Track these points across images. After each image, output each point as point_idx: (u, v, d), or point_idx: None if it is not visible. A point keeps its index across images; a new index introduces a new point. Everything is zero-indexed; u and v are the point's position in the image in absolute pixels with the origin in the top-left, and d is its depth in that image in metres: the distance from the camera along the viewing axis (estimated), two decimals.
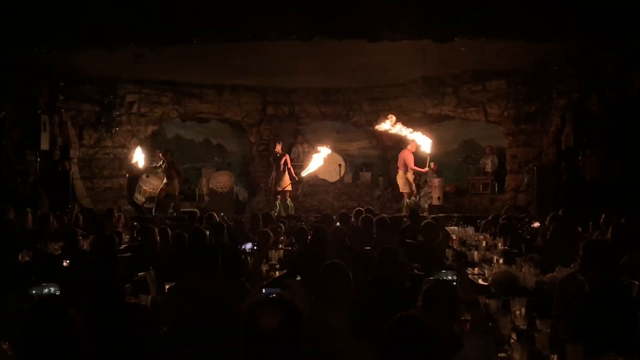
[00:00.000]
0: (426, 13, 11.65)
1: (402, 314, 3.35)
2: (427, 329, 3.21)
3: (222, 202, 18.37)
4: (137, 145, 18.36)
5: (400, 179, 17.08)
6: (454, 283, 4.94)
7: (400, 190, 17.27)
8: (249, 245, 8.56)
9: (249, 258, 8.18)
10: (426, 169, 17.06)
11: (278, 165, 17.82)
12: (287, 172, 17.77)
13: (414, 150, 16.98)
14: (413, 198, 17.25)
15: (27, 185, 15.26)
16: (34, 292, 4.96)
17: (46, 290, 4.96)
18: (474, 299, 4.49)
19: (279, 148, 18.08)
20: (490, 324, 4.68)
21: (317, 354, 3.53)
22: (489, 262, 8.47)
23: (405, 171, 16.90)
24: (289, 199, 17.67)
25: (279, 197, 17.48)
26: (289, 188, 17.79)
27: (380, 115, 19.65)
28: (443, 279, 5.17)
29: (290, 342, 2.77)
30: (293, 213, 17.06)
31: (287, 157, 18.03)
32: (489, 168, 19.12)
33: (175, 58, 14.83)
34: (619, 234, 8.26)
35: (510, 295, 5.33)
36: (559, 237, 8.14)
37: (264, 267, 8.15)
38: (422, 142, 16.82)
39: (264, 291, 3.53)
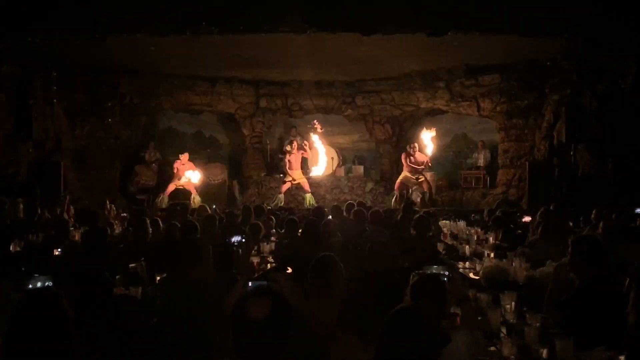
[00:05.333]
0: (420, 7, 11.64)
1: (403, 305, 3.37)
2: (425, 322, 3.23)
3: (214, 194, 18.37)
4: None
5: None
6: (445, 278, 4.95)
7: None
8: (237, 238, 8.54)
9: (239, 250, 8.17)
10: None
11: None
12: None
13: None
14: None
15: (19, 176, 15.22)
16: (29, 285, 4.94)
17: (39, 283, 4.95)
18: (464, 295, 4.49)
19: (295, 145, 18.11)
20: (480, 318, 4.69)
21: (305, 346, 3.54)
22: (480, 256, 8.49)
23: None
24: (309, 194, 17.78)
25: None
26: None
27: (374, 109, 19.73)
28: (432, 272, 5.17)
29: (279, 333, 2.78)
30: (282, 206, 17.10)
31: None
32: (481, 162, 19.18)
33: (169, 49, 14.80)
34: (610, 229, 8.29)
35: (500, 289, 5.35)
36: (549, 232, 8.15)
37: (256, 260, 8.15)
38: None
39: (250, 284, 3.54)
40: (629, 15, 11.71)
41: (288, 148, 18.08)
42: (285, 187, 17.65)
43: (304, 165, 18.51)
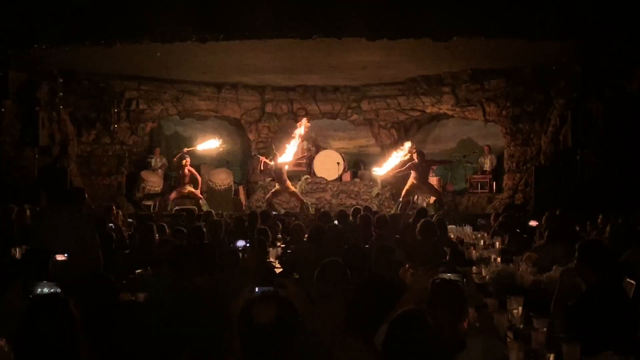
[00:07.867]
0: (425, 12, 11.65)
1: (407, 309, 3.36)
2: (431, 325, 3.22)
3: (220, 199, 18.37)
4: None
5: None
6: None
7: None
8: (242, 243, 8.55)
9: (244, 255, 8.16)
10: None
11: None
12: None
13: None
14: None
15: (25, 182, 15.24)
16: (37, 290, 4.94)
17: (46, 289, 4.95)
18: (481, 302, 4.47)
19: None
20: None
21: (311, 351, 3.54)
22: (487, 261, 8.47)
23: None
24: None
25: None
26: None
27: (380, 114, 19.73)
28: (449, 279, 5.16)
29: (286, 337, 2.78)
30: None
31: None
32: (487, 167, 19.15)
33: (174, 55, 14.83)
34: (617, 233, 8.27)
35: (507, 294, 5.34)
36: (556, 237, 8.14)
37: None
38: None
39: (257, 289, 3.54)
40: (634, 19, 11.69)
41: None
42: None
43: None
